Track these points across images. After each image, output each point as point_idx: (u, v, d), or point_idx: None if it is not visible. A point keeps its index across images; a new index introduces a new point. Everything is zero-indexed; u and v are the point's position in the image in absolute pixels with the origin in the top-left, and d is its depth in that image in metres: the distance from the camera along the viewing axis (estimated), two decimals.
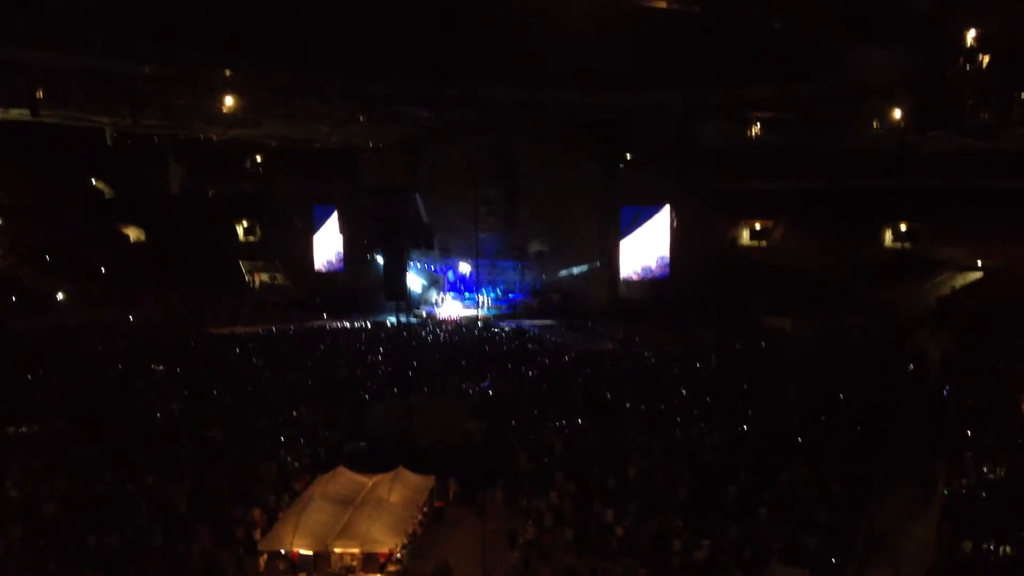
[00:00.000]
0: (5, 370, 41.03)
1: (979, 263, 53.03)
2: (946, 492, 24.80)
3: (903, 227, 60.19)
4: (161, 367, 42.03)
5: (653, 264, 62.65)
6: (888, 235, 61.11)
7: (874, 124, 53.49)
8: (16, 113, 56.87)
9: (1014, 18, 39.61)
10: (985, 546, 21.16)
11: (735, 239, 67.00)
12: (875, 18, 41.88)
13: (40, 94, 53.02)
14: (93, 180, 78.11)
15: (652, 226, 62.47)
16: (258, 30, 52.90)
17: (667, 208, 62.12)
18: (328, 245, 73.61)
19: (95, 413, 33.37)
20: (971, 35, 40.83)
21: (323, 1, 52.70)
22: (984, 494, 24.23)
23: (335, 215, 72.65)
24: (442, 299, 66.81)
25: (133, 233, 76.40)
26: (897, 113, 51.12)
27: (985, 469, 25.85)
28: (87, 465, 27.26)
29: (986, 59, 41.16)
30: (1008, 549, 21.04)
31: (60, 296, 61.97)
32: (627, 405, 34.53)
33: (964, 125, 47.08)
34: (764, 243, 65.45)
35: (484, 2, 51.00)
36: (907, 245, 59.68)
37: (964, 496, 24.28)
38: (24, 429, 31.27)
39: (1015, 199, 51.41)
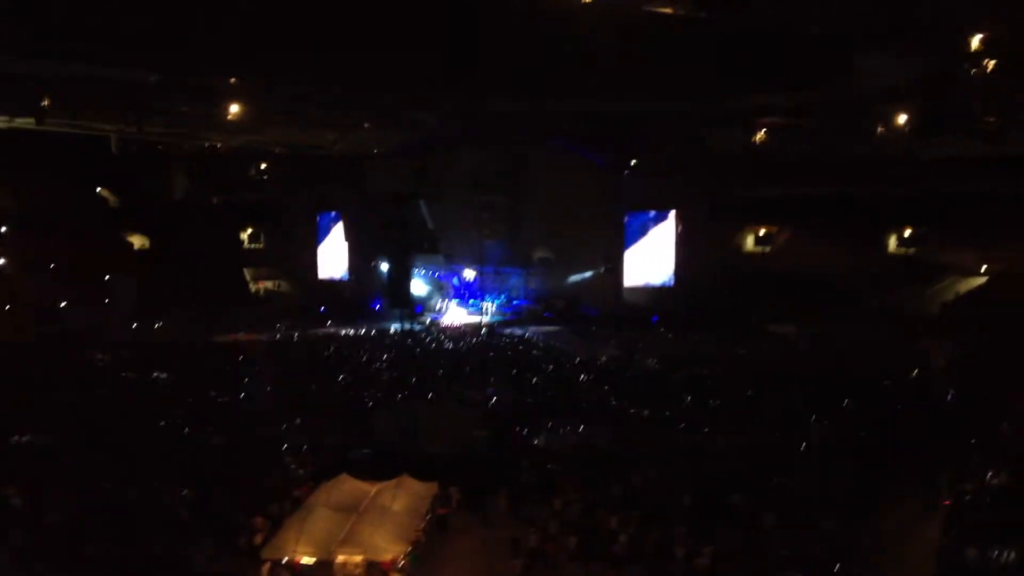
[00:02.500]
0: (8, 378, 41.10)
1: (985, 268, 52.91)
2: (951, 498, 24.72)
3: (908, 232, 60.07)
4: (164, 375, 42.07)
5: (658, 270, 62.59)
6: (893, 240, 61.00)
7: (880, 129, 53.44)
8: (21, 122, 57.02)
9: (1020, 21, 39.60)
10: (990, 552, 21.07)
11: (740, 245, 66.91)
12: (880, 24, 41.87)
13: (46, 103, 53.23)
14: (98, 188, 78.27)
15: (657, 232, 62.47)
16: (263, 37, 53.01)
17: (672, 214, 62.14)
18: (333, 252, 73.68)
19: (98, 421, 33.43)
20: (977, 39, 40.80)
21: (329, 8, 52.77)
22: (989, 500, 24.14)
23: (340, 222, 72.71)
24: (447, 306, 66.85)
25: (137, 241, 76.55)
26: (903, 118, 51.08)
27: (990, 475, 25.76)
28: (90, 473, 27.28)
29: (992, 63, 41.13)
30: (1013, 555, 20.95)
31: (64, 304, 62.04)
32: (631, 411, 34.52)
33: (971, 129, 47.03)
34: (768, 249, 65.34)
35: (488, 11, 51.04)
36: (912, 250, 59.55)
37: (969, 502, 24.19)
38: (28, 437, 31.27)
39: (1022, 203, 51.28)
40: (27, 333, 53.86)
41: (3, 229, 68.61)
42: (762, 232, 65.84)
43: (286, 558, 21.43)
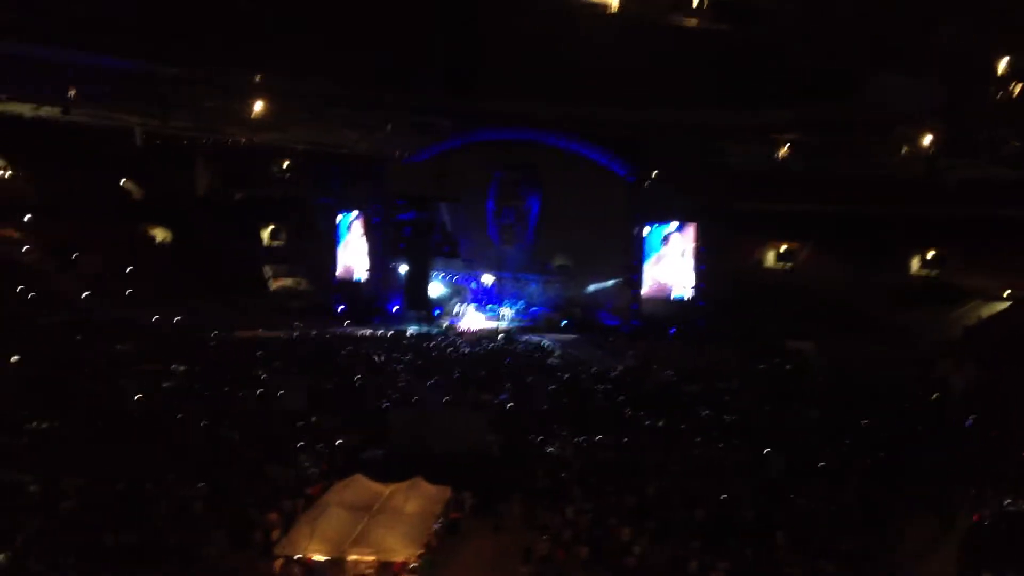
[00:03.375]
0: (28, 365, 41.30)
1: (1007, 293, 52.51)
2: (966, 523, 24.56)
3: (930, 254, 59.69)
4: (182, 367, 42.18)
5: (677, 282, 62.36)
6: (915, 262, 60.61)
7: (903, 150, 53.25)
8: (47, 111, 57.45)
9: None
10: None
11: (760, 260, 66.66)
12: (906, 44, 41.76)
13: (72, 93, 53.62)
14: (121, 180, 78.58)
15: (677, 244, 62.25)
16: (290, 35, 53.25)
17: (692, 226, 61.89)
18: (352, 252, 73.76)
19: (116, 411, 33.58)
20: (1003, 63, 40.63)
21: (355, 9, 52.94)
22: (1005, 526, 23.95)
23: (360, 222, 72.81)
24: (464, 310, 66.81)
25: (159, 234, 76.83)
26: (927, 139, 50.89)
27: (1007, 501, 25.58)
28: (106, 463, 27.38)
29: (1017, 87, 40.95)
30: None
31: (85, 294, 62.31)
32: (646, 423, 34.41)
33: (994, 153, 46.80)
34: (789, 265, 65.04)
35: (513, 18, 51.12)
36: (934, 273, 59.18)
37: (985, 527, 24.01)
38: (45, 425, 31.43)
39: None
40: (48, 321, 54.12)
41: (27, 218, 68.97)
42: (783, 248, 65.55)
43: (298, 555, 21.47)
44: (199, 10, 50.67)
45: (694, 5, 41.46)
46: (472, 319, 64.90)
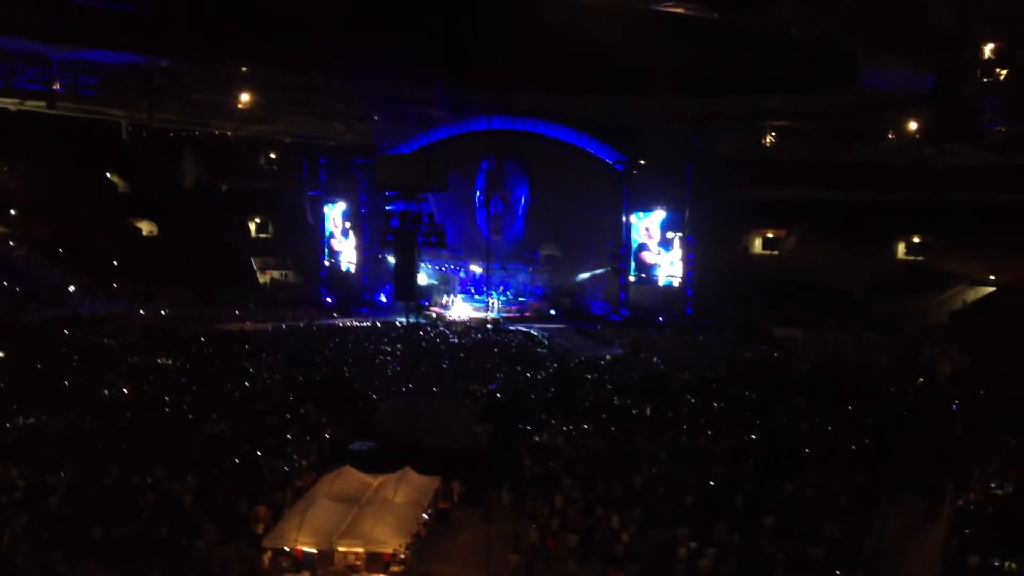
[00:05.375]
0: (15, 360, 41.20)
1: (992, 278, 52.75)
2: (953, 507, 24.71)
3: (916, 240, 59.92)
4: (170, 361, 42.09)
5: (665, 270, 62.42)
6: (901, 248, 60.85)
7: (889, 136, 53.51)
8: (32, 105, 57.21)
9: None
10: (991, 561, 21.05)
11: (747, 248, 66.81)
12: (892, 30, 41.84)
13: (56, 86, 53.45)
14: (108, 174, 78.40)
15: (665, 232, 62.26)
16: (276, 27, 53.13)
17: (680, 214, 61.92)
18: (340, 244, 73.71)
19: (104, 405, 33.52)
20: (988, 48, 40.81)
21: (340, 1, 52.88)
22: (991, 509, 24.11)
23: (348, 214, 72.71)
24: (452, 300, 66.80)
25: (146, 227, 76.64)
26: (913, 125, 51.14)
27: (993, 484, 25.73)
28: (94, 457, 27.34)
29: (1003, 72, 41.11)
30: (1014, 565, 20.94)
31: (72, 288, 62.17)
32: (635, 411, 34.46)
33: (980, 138, 46.97)
34: (776, 252, 65.23)
35: (501, 8, 51.15)
36: (920, 258, 59.39)
37: (971, 511, 24.17)
38: (33, 420, 31.35)
39: None
40: (34, 315, 54.00)
41: (12, 212, 68.71)
42: (770, 235, 65.74)
43: (287, 547, 21.51)
44: (186, 2, 50.61)
45: None
46: (460, 309, 64.89)
